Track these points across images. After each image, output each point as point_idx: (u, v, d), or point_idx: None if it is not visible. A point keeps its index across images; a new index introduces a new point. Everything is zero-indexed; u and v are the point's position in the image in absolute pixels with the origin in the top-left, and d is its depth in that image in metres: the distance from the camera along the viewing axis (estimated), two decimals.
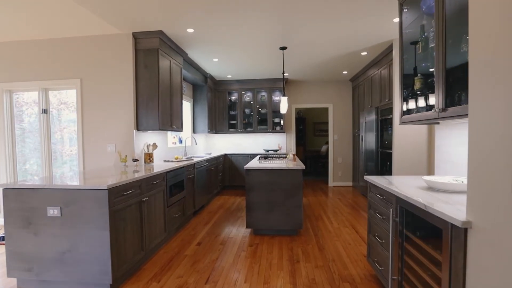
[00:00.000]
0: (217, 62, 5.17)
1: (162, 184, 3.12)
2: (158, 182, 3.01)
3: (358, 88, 6.32)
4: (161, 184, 3.09)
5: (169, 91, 4.06)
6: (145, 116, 3.72)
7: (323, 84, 6.98)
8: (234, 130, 6.83)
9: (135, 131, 3.69)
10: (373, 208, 2.35)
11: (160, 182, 3.07)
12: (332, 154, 7.01)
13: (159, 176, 3.03)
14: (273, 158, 4.45)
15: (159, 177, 3.05)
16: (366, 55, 4.79)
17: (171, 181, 3.37)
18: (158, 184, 3.02)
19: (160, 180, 3.06)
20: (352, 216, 4.30)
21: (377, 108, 4.96)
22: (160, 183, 3.07)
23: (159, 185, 3.05)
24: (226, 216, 4.39)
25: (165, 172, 3.21)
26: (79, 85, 3.76)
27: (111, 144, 3.72)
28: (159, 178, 3.05)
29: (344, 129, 6.98)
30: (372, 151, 5.11)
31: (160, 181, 3.06)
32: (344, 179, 7.01)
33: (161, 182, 3.09)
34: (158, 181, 3.02)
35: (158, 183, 3.02)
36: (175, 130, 4.24)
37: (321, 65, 5.46)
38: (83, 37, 3.76)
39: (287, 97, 3.97)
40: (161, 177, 3.11)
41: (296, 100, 7.04)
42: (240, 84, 6.72)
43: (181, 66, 4.50)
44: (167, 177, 3.24)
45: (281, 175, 3.38)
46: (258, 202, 3.43)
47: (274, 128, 6.81)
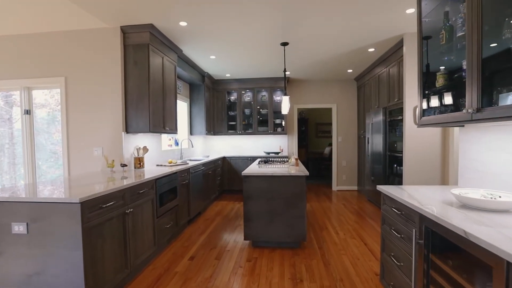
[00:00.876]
0: (214, 60, 4.88)
1: (150, 193, 2.82)
2: (145, 191, 2.71)
3: (363, 87, 6.01)
4: (149, 193, 2.79)
5: (162, 90, 3.77)
6: (135, 117, 3.43)
7: (327, 84, 6.67)
8: (233, 131, 6.54)
9: (123, 134, 3.40)
10: (388, 224, 2.04)
11: (148, 190, 2.78)
12: (336, 157, 6.70)
13: (146, 184, 2.74)
14: (273, 162, 4.15)
15: (147, 185, 2.75)
16: (373, 51, 4.48)
17: (161, 189, 3.08)
18: (146, 193, 2.73)
19: (148, 188, 2.77)
20: (359, 225, 3.98)
21: (385, 108, 4.64)
22: (148, 192, 2.78)
23: (147, 194, 2.75)
24: (223, 225, 4.09)
25: (154, 179, 2.91)
26: (63, 84, 3.47)
27: (98, 148, 3.43)
28: (147, 186, 2.75)
29: (348, 131, 6.67)
30: (380, 154, 4.80)
31: (148, 190, 2.76)
32: (348, 183, 6.69)
33: (149, 190, 2.79)
34: (146, 190, 2.72)
35: (146, 191, 2.72)
36: (168, 132, 3.94)
37: (324, 63, 5.16)
38: (67, 32, 3.48)
39: (289, 96, 3.66)
40: (150, 185, 2.81)
41: (298, 100, 6.73)
42: (240, 84, 6.43)
43: (175, 63, 4.20)
44: (156, 184, 2.94)
45: (282, 182, 3.08)
46: (257, 212, 3.12)
47: (275, 129, 6.51)
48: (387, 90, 4.59)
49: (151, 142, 4.09)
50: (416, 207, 1.55)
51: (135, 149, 3.51)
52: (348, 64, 5.23)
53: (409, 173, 3.76)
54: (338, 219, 4.31)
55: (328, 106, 6.69)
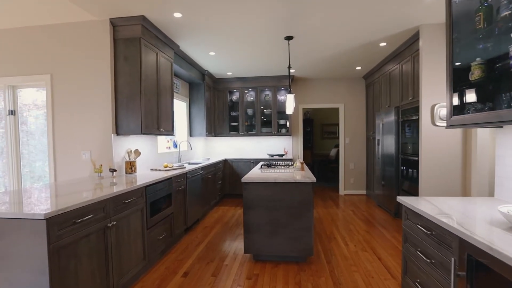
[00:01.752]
0: (214, 57, 4.59)
1: (139, 202, 2.53)
2: (133, 200, 2.42)
3: (373, 85, 5.67)
4: (138, 202, 2.51)
5: (156, 88, 3.49)
6: (126, 118, 3.15)
7: (334, 82, 6.34)
8: (235, 133, 6.24)
9: (113, 136, 3.12)
10: (412, 243, 1.72)
11: (137, 199, 2.49)
12: (343, 159, 6.36)
13: (134, 192, 2.45)
14: (277, 166, 3.84)
15: (135, 193, 2.46)
16: (385, 46, 4.14)
17: (153, 197, 2.79)
18: (134, 203, 2.44)
19: (136, 197, 2.48)
20: (370, 235, 3.65)
21: (397, 107, 4.31)
22: (137, 201, 2.49)
23: (135, 203, 2.46)
24: (223, 233, 3.79)
25: (144, 187, 2.62)
26: (49, 82, 3.21)
27: (86, 151, 3.16)
28: (135, 195, 2.47)
29: (356, 132, 6.32)
30: (391, 157, 4.46)
31: (136, 199, 2.47)
32: (356, 187, 6.34)
33: (137, 199, 2.50)
34: (134, 199, 2.43)
35: (134, 201, 2.44)
36: (163, 134, 3.66)
37: (331, 60, 4.84)
38: (52, 25, 3.22)
39: (294, 95, 3.35)
40: (138, 193, 2.52)
41: (304, 99, 6.42)
42: (242, 82, 6.13)
43: (172, 60, 3.93)
44: (146, 192, 2.65)
45: (287, 189, 2.77)
46: (258, 222, 2.81)
47: (279, 130, 6.20)
48: (400, 88, 4.25)
49: (146, 145, 3.81)
50: (454, 229, 1.23)
51: (126, 152, 3.23)
52: (356, 60, 4.90)
53: (426, 178, 3.41)
54: (347, 227, 3.98)
55: (335, 106, 6.36)
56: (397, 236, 3.58)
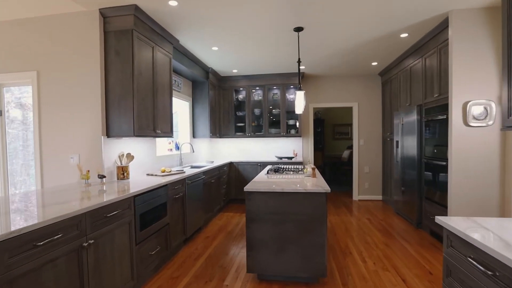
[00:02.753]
0: (217, 52, 4.26)
1: (126, 214, 2.22)
2: (118, 213, 2.11)
3: (390, 83, 5.23)
4: (124, 214, 2.19)
5: (152, 86, 3.18)
6: (117, 118, 2.85)
7: (347, 80, 5.92)
8: (241, 134, 5.90)
9: (103, 138, 2.83)
10: (458, 279, 1.32)
11: (123, 211, 2.17)
12: (357, 162, 5.93)
13: (120, 203, 2.13)
14: (285, 172, 3.47)
15: (121, 204, 2.15)
16: (406, 37, 3.72)
17: (144, 207, 2.47)
18: (119, 215, 2.12)
19: (122, 209, 2.16)
20: (391, 249, 3.24)
21: (420, 106, 3.87)
22: (123, 213, 2.17)
23: (121, 216, 2.15)
24: (225, 245, 3.45)
25: (133, 196, 2.30)
26: (35, 79, 2.94)
27: (75, 155, 2.87)
28: (121, 206, 2.15)
29: (371, 133, 5.88)
30: (413, 160, 4.02)
31: (122, 211, 2.16)
32: (372, 192, 5.90)
33: (124, 211, 2.19)
34: (119, 211, 2.11)
35: (119, 213, 2.12)
36: (160, 136, 3.35)
37: (345, 54, 4.43)
38: (37, 18, 2.94)
39: (304, 92, 2.98)
40: (125, 204, 2.21)
41: (314, 98, 6.02)
42: (249, 80, 5.79)
43: (171, 55, 3.61)
44: (135, 203, 2.33)
45: (296, 200, 2.40)
46: (263, 238, 2.46)
47: (288, 131, 5.83)
48: (423, 84, 3.82)
49: (142, 148, 3.51)
50: None
51: (118, 156, 2.93)
52: (372, 55, 4.48)
53: (457, 185, 2.98)
54: (363, 239, 3.58)
55: (348, 105, 5.94)
56: (422, 251, 3.16)
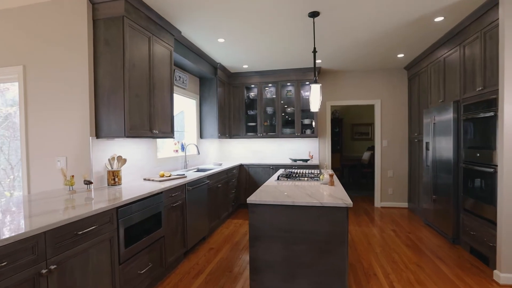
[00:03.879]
0: (224, 45, 3.88)
1: (106, 230, 1.87)
2: (95, 229, 1.76)
3: (418, 77, 4.66)
4: (103, 230, 1.85)
5: (148, 81, 2.85)
6: (106, 117, 2.53)
7: (368, 75, 5.39)
8: (253, 134, 5.50)
9: (91, 139, 2.52)
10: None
11: (101, 227, 1.83)
12: (380, 165, 5.38)
13: (98, 217, 1.79)
14: (299, 178, 3.04)
15: (99, 218, 1.80)
16: (441, 21, 3.19)
17: (132, 219, 2.13)
18: (96, 232, 1.78)
19: (101, 223, 1.82)
20: (424, 272, 2.73)
21: (457, 102, 3.33)
22: (101, 229, 1.83)
23: (99, 232, 1.81)
24: (230, 259, 3.06)
25: (115, 208, 1.96)
26: (21, 75, 2.68)
27: (62, 158, 2.58)
28: (100, 221, 1.81)
29: (396, 133, 5.32)
30: (448, 165, 3.47)
31: (100, 226, 1.81)
32: (396, 199, 5.33)
33: (103, 226, 1.84)
34: (96, 227, 1.77)
35: (95, 230, 1.78)
36: (158, 136, 3.01)
37: (366, 45, 3.94)
38: (21, 7, 2.68)
39: (320, 85, 2.53)
40: (105, 218, 1.86)
41: (332, 96, 5.53)
42: (260, 77, 5.38)
43: (172, 48, 3.27)
44: (119, 215, 1.99)
45: (310, 215, 1.97)
46: (270, 261, 2.04)
47: (304, 131, 5.37)
48: (461, 77, 3.27)
49: (141, 149, 3.19)
50: None
51: (108, 160, 2.61)
52: (399, 45, 3.95)
53: (510, 198, 2.44)
54: (390, 257, 3.09)
55: (370, 103, 5.40)
56: (462, 275, 2.63)
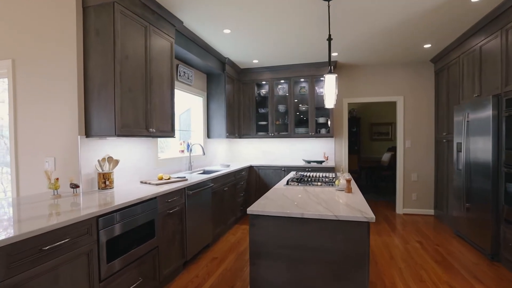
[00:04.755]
0: (230, 36, 3.59)
1: (84, 242, 1.62)
2: (67, 242, 1.51)
3: (447, 70, 4.19)
4: (79, 243, 1.59)
5: (145, 75, 2.60)
6: (97, 113, 2.30)
7: (389, 69, 4.94)
8: (264, 133, 5.19)
9: (80, 138, 2.29)
10: None
11: (77, 239, 1.57)
12: (402, 168, 4.92)
13: (72, 228, 1.53)
14: (311, 182, 2.70)
15: (74, 230, 1.55)
16: (478, 2, 2.75)
17: (117, 229, 1.87)
18: (68, 246, 1.52)
19: (76, 236, 1.56)
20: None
21: (498, 96, 2.88)
22: (77, 242, 1.57)
23: (73, 246, 1.55)
24: (234, 271, 2.76)
25: (95, 217, 1.70)
26: (10, 69, 2.49)
27: (50, 158, 2.37)
28: (75, 232, 1.55)
29: (420, 132, 4.85)
30: (485, 168, 3.02)
31: (74, 239, 1.55)
32: (420, 205, 4.86)
33: (79, 239, 1.59)
34: (68, 240, 1.51)
35: (68, 243, 1.52)
36: (155, 136, 2.76)
37: (388, 34, 3.53)
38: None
39: (336, 76, 2.17)
40: (82, 229, 1.60)
41: (349, 92, 5.12)
42: (272, 73, 5.06)
43: (172, 39, 3.02)
44: (99, 225, 1.73)
45: (322, 230, 1.63)
46: (274, 283, 1.72)
47: (318, 131, 5.00)
48: (503, 67, 2.82)
49: (139, 150, 2.96)
50: None
51: (98, 161, 2.37)
52: (426, 33, 3.52)
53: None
54: (416, 274, 2.68)
55: (391, 100, 4.96)
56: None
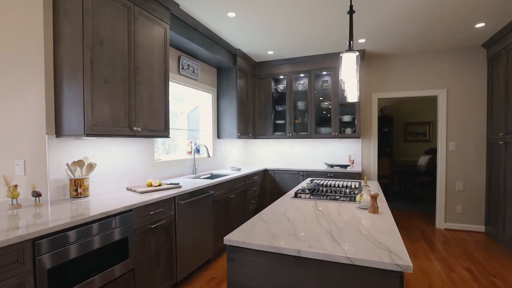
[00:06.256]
0: (236, 21, 3.13)
1: (14, 273, 1.23)
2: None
3: (506, 56, 3.39)
4: (8, 274, 1.21)
5: (128, 64, 2.22)
6: (66, 109, 1.95)
7: (429, 57, 4.19)
8: (281, 133, 4.67)
9: (47, 138, 1.95)
10: None
11: (2, 270, 1.19)
12: (444, 174, 4.15)
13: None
14: (326, 195, 2.15)
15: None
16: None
17: (70, 252, 1.48)
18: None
19: (3, 265, 1.19)
20: None
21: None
22: (2, 274, 1.19)
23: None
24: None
25: (31, 241, 1.32)
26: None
27: (20, 161, 2.06)
28: (2, 261, 1.18)
29: (468, 133, 4.05)
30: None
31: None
32: (467, 219, 4.06)
33: (6, 269, 1.21)
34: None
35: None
36: (142, 135, 2.37)
37: (429, 13, 2.85)
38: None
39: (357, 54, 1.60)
40: (11, 257, 1.22)
41: (380, 86, 4.44)
42: (290, 65, 4.52)
43: (167, 25, 2.62)
44: (36, 250, 1.34)
45: (328, 278, 1.11)
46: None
47: (343, 130, 4.38)
48: None
49: (130, 151, 2.59)
50: None
51: (67, 165, 2.01)
52: (478, 8, 2.80)
53: None
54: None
55: (430, 94, 4.20)
56: None
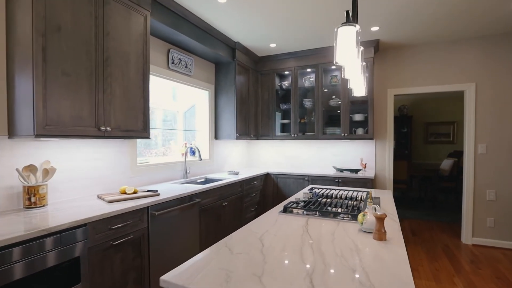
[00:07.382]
0: (228, 8, 2.79)
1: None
2: None
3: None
4: None
5: (95, 54, 1.93)
6: (18, 106, 1.69)
7: (453, 47, 3.68)
8: (286, 134, 4.29)
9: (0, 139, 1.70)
10: None
11: None
12: (473, 181, 3.62)
13: None
14: (322, 210, 1.77)
15: None
16: None
17: (8, 274, 1.19)
18: None
19: None
20: None
21: None
22: None
23: None
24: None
25: None
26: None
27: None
28: None
29: (502, 133, 3.51)
30: None
31: None
32: (501, 235, 3.51)
33: None
34: None
35: None
36: (112, 136, 2.08)
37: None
38: None
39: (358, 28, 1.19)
40: None
41: (396, 81, 3.97)
42: (296, 59, 4.14)
43: (147, 12, 2.33)
44: None
45: None
46: None
47: (354, 131, 3.95)
48: None
49: (106, 154, 2.32)
50: None
51: (17, 170, 1.74)
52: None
53: None
54: None
55: (456, 89, 3.69)
56: None
